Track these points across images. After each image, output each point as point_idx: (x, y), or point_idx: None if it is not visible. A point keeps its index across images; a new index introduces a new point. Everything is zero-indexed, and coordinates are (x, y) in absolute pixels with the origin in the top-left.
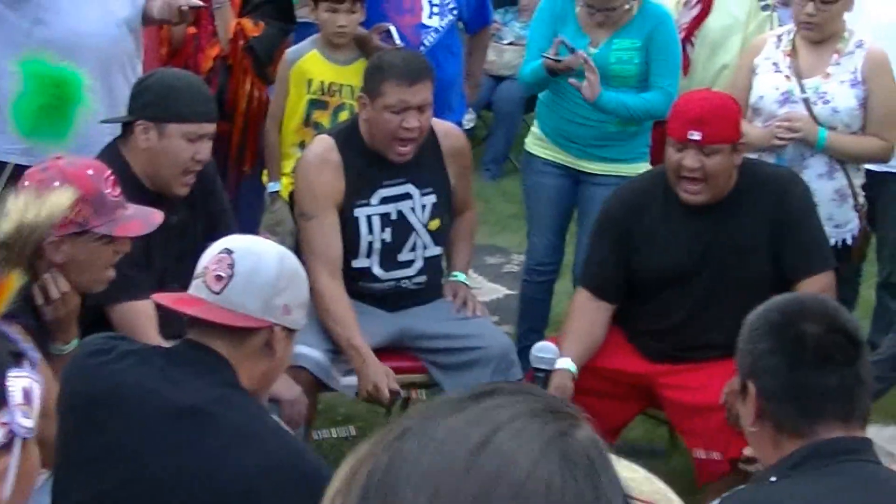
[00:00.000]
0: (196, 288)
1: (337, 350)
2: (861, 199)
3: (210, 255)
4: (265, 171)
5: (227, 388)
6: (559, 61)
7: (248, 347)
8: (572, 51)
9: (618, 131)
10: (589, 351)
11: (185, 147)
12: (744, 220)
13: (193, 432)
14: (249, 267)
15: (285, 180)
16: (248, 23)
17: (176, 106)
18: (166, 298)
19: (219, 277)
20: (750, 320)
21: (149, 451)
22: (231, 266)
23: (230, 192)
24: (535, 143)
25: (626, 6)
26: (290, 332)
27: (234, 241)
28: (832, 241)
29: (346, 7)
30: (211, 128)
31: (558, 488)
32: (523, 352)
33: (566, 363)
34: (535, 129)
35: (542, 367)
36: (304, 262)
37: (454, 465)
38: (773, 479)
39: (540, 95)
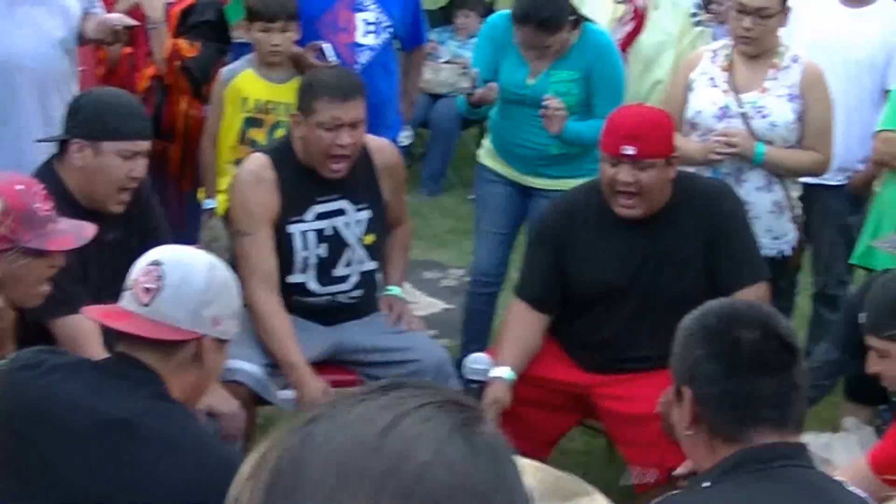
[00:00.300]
0: (126, 300)
1: (274, 364)
2: (798, 211)
3: (139, 267)
4: (201, 189)
5: (158, 400)
6: (472, 94)
7: (178, 359)
8: (484, 83)
9: (560, 154)
10: (524, 360)
11: (120, 165)
12: (678, 234)
13: (124, 445)
14: (178, 278)
15: (221, 197)
16: (183, 43)
17: (110, 124)
18: (95, 312)
19: (147, 289)
20: (685, 325)
21: (79, 464)
22: (159, 278)
23: (174, 211)
24: (487, 154)
25: (563, 39)
26: (220, 342)
27: (163, 253)
28: (771, 253)
29: (280, 26)
30: (146, 145)
31: (463, 471)
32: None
33: (503, 371)
34: (486, 142)
35: (476, 378)
36: (240, 279)
37: (362, 446)
38: (706, 484)
39: (490, 112)
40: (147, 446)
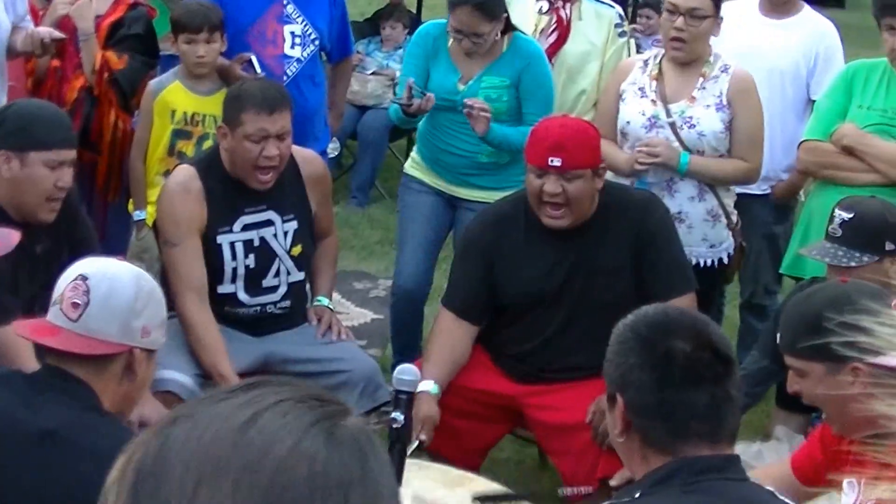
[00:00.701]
0: (54, 315)
1: (205, 375)
2: (734, 218)
3: (65, 282)
4: (131, 200)
5: (89, 412)
6: (410, 105)
7: (109, 371)
8: (423, 94)
9: (490, 162)
10: (451, 371)
11: (47, 175)
12: (606, 244)
13: (54, 457)
14: (105, 292)
15: (150, 209)
16: (112, 55)
17: (35, 134)
18: (25, 328)
19: (75, 305)
20: (619, 331)
21: (9, 475)
22: (86, 293)
23: (98, 222)
24: (414, 166)
25: (495, 36)
26: (150, 352)
27: (89, 267)
28: (707, 262)
29: (204, 37)
30: (71, 154)
31: (322, 463)
32: None
33: (427, 385)
34: (414, 154)
35: (405, 389)
36: (170, 290)
37: (221, 443)
38: (636, 494)
39: (419, 124)
40: (78, 459)
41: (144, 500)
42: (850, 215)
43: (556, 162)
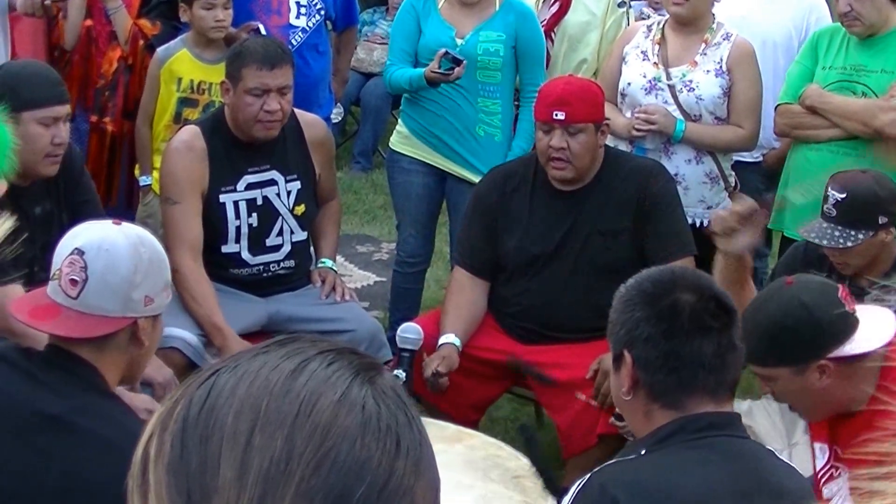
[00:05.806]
0: (53, 290)
1: (203, 332)
2: (732, 181)
3: (62, 255)
4: (137, 166)
5: (93, 395)
6: (448, 75)
7: (113, 346)
8: (458, 62)
9: (485, 137)
10: (471, 325)
11: (42, 133)
12: (608, 206)
13: (57, 442)
14: (102, 267)
15: (156, 174)
16: (146, 23)
17: (25, 93)
18: (24, 310)
19: (73, 282)
20: (623, 291)
21: (7, 459)
22: (84, 269)
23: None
24: (402, 142)
25: None
26: (155, 317)
27: (85, 238)
28: (704, 221)
29: (223, 2)
30: (64, 110)
31: (372, 409)
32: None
33: (450, 338)
34: (400, 128)
35: (408, 347)
36: (166, 247)
37: (272, 390)
38: (641, 451)
39: (404, 95)
40: (83, 445)
41: (194, 450)
42: (843, 195)
43: (560, 115)
